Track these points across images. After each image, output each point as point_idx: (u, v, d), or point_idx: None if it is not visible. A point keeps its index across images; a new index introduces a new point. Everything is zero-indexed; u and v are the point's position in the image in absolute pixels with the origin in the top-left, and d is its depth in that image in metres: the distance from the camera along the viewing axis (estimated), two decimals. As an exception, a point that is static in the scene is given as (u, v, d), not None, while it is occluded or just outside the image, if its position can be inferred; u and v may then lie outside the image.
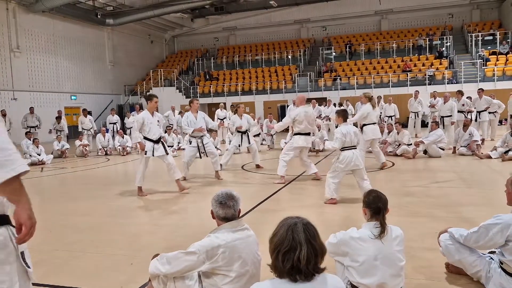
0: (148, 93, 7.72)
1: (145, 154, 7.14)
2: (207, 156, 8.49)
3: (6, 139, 1.65)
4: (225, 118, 17.64)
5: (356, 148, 6.00)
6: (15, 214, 1.69)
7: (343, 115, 6.12)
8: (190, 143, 8.41)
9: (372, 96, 8.98)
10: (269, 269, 1.96)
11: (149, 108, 7.27)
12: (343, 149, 5.91)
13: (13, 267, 1.72)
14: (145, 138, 7.17)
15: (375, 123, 8.94)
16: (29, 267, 1.79)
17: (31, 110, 15.83)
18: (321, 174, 8.47)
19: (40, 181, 9.81)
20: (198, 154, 8.43)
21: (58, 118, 15.91)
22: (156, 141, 7.19)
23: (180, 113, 17.40)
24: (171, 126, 15.83)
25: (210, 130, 15.86)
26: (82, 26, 25.15)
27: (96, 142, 15.27)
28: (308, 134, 8.08)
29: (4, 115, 15.50)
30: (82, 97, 25.10)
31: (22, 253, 1.77)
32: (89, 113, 18.34)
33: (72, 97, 24.67)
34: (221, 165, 9.11)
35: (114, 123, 17.42)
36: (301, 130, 7.87)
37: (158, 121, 7.33)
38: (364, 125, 8.86)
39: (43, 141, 14.74)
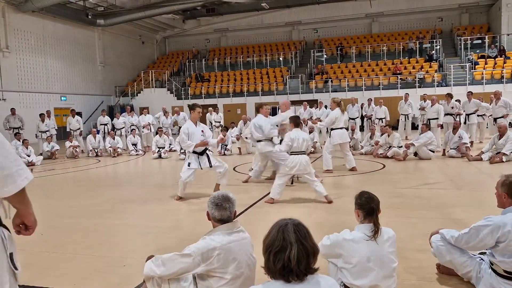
0: (192, 103, 7.17)
1: (188, 166, 6.64)
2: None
3: (13, 150, 1.79)
4: (220, 122, 17.62)
5: (304, 154, 6.27)
6: (21, 216, 1.90)
7: (294, 121, 6.53)
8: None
9: (341, 102, 9.29)
10: (263, 271, 1.97)
11: (192, 118, 6.76)
12: (291, 153, 6.24)
13: (3, 267, 1.74)
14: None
15: (343, 128, 9.20)
16: (16, 268, 1.81)
17: (13, 111, 15.41)
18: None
19: (29, 182, 9.70)
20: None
21: (42, 115, 15.61)
22: (201, 153, 6.67)
23: (165, 113, 17.21)
24: (162, 128, 15.75)
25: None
26: (73, 26, 24.96)
27: (87, 143, 15.16)
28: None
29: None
30: (72, 98, 24.89)
31: (11, 254, 1.79)
32: (78, 114, 18.17)
33: (62, 98, 24.45)
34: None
35: (105, 124, 17.30)
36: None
37: (202, 131, 6.70)
38: (332, 129, 9.14)
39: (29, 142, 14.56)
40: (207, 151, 6.81)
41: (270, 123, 7.96)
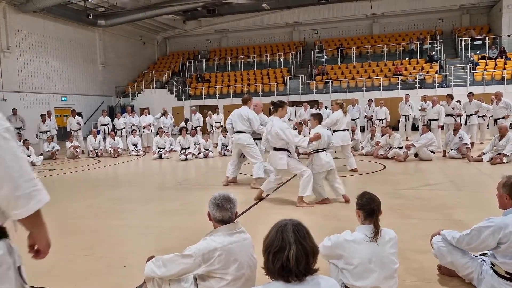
0: (278, 100, 6.94)
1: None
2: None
3: (29, 167, 1.67)
4: (220, 122, 17.56)
5: (327, 150, 6.29)
6: (33, 238, 1.79)
7: (318, 118, 6.45)
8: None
9: (343, 103, 9.42)
10: (264, 272, 1.97)
11: (279, 115, 6.38)
12: (316, 151, 6.17)
13: (12, 281, 1.68)
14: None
15: (345, 129, 9.30)
16: (25, 283, 1.76)
17: (14, 111, 15.41)
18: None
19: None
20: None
21: (43, 116, 15.62)
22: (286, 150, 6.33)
23: (164, 113, 17.22)
24: (163, 128, 15.75)
25: (204, 132, 15.82)
26: (73, 27, 24.97)
27: (87, 143, 15.16)
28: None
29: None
30: (73, 98, 24.90)
31: (19, 267, 1.74)
32: (79, 114, 18.15)
33: (63, 98, 24.45)
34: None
35: (106, 125, 17.29)
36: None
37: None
38: (334, 131, 9.21)
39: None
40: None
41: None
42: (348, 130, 9.67)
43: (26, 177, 1.63)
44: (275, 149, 6.28)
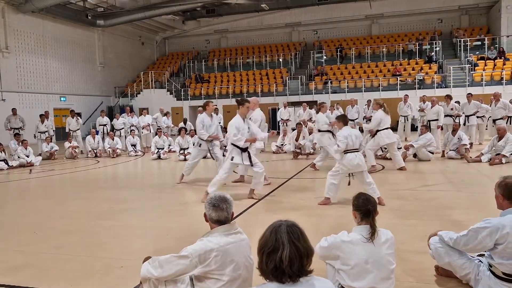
0: (241, 98, 7.13)
1: (232, 160, 6.61)
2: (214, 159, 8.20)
3: None
4: (219, 123, 17.50)
5: (358, 151, 6.10)
6: None
7: (343, 120, 6.33)
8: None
9: (383, 103, 9.43)
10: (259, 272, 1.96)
11: (241, 113, 6.74)
12: (345, 151, 6.01)
13: None
14: (233, 144, 6.61)
15: (388, 128, 9.29)
16: None
17: (14, 111, 15.39)
18: (312, 177, 8.52)
19: (28, 183, 9.70)
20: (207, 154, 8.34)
21: (42, 116, 15.60)
22: (244, 149, 6.64)
23: (166, 114, 17.21)
24: (161, 128, 15.74)
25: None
26: (72, 27, 24.96)
27: (86, 144, 15.13)
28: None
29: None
30: (72, 99, 24.89)
31: None
32: (78, 114, 18.12)
33: (62, 99, 24.45)
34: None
35: (104, 125, 17.26)
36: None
37: (248, 127, 6.74)
38: (378, 130, 9.23)
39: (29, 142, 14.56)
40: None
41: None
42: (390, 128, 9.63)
43: None
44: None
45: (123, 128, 16.68)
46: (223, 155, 8.52)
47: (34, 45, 22.63)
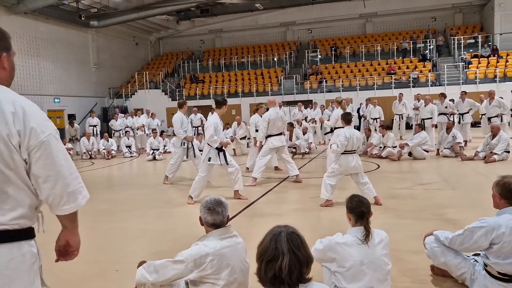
0: (221, 98, 7.23)
1: (209, 161, 6.58)
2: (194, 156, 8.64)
3: (74, 165, 1.80)
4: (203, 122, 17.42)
5: (355, 152, 6.00)
6: (65, 236, 2.00)
7: (345, 118, 6.09)
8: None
9: (342, 101, 9.21)
10: (256, 277, 1.95)
11: (219, 113, 6.79)
12: (343, 152, 5.88)
13: (38, 280, 1.84)
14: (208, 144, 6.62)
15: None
16: (44, 283, 1.90)
17: None
18: (308, 177, 8.52)
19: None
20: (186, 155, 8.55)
21: None
22: (220, 149, 6.63)
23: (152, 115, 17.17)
24: (156, 129, 15.68)
25: (198, 134, 15.75)
26: (66, 28, 24.80)
27: (80, 145, 15.06)
28: (280, 134, 8.26)
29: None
30: (66, 100, 24.73)
31: (40, 266, 1.87)
32: (72, 116, 18.01)
33: (55, 100, 24.28)
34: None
35: (94, 126, 17.09)
36: (273, 131, 8.11)
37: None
38: (335, 128, 9.14)
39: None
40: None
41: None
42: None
43: (74, 174, 1.78)
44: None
45: (121, 129, 16.50)
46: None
47: (27, 47, 22.46)
